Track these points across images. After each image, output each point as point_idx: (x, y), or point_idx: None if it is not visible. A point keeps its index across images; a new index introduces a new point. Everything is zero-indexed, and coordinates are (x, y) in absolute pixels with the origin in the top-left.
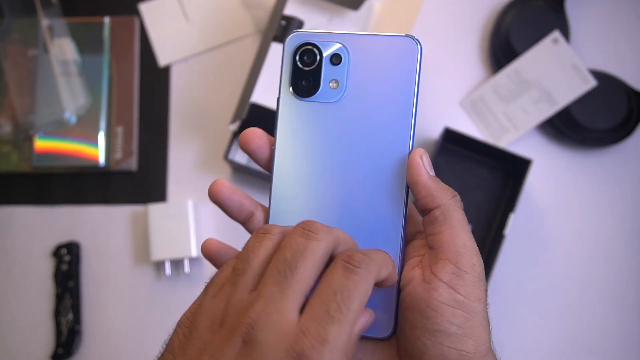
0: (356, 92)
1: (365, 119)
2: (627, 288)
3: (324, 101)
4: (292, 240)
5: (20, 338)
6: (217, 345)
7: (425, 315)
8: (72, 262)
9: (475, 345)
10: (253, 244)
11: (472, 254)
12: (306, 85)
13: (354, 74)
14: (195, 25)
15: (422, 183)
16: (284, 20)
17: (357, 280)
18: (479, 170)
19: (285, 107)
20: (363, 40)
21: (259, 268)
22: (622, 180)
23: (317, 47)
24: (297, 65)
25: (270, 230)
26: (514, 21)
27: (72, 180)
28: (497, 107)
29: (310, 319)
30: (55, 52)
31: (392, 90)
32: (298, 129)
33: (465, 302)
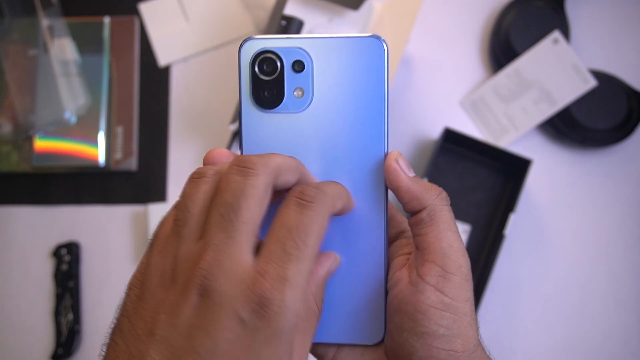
0: (323, 98)
1: (335, 125)
2: (627, 288)
3: (289, 112)
4: (230, 179)
5: (20, 338)
6: (172, 302)
7: (412, 318)
8: (72, 262)
9: (464, 344)
10: (190, 190)
11: (459, 255)
12: (269, 96)
13: (319, 80)
14: (195, 25)
15: (404, 188)
16: (284, 20)
17: (312, 215)
18: (479, 170)
19: (249, 120)
20: (325, 43)
21: (201, 214)
22: (622, 180)
23: (276, 55)
24: (256, 75)
25: (204, 173)
26: (514, 21)
27: (72, 180)
28: (497, 107)
29: (266, 259)
30: (55, 52)
31: (360, 94)
32: (265, 143)
33: (452, 304)
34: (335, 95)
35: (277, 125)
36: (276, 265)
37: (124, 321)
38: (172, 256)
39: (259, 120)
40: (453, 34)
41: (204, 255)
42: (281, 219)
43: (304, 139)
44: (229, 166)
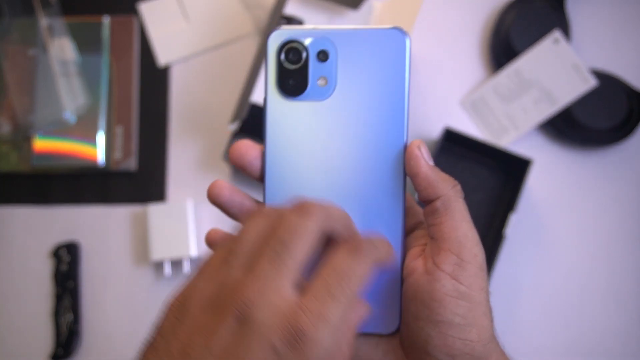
0: (346, 88)
1: (357, 114)
2: (627, 288)
3: (313, 100)
4: (287, 219)
5: (20, 338)
6: (209, 326)
7: (428, 306)
8: (71, 263)
9: (479, 334)
10: (248, 225)
11: (473, 244)
12: (293, 84)
13: (342, 70)
14: (195, 25)
15: (423, 174)
16: (284, 20)
17: (361, 264)
18: (479, 170)
19: (274, 108)
20: (349, 34)
21: (254, 248)
22: (622, 180)
23: (302, 44)
24: (282, 64)
25: (265, 211)
26: (515, 21)
27: (71, 180)
28: (497, 107)
29: (310, 297)
30: (54, 52)
31: (382, 84)
32: (288, 131)
33: (468, 292)
34: (357, 85)
35: (299, 113)
36: (318, 303)
37: (159, 340)
38: (217, 282)
39: (283, 107)
40: (453, 34)
41: (248, 284)
42: (332, 262)
43: (326, 126)
44: (289, 207)
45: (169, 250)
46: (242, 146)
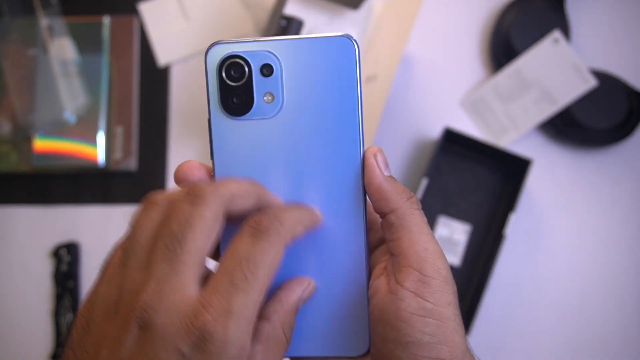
0: (294, 102)
1: (308, 130)
2: (627, 288)
3: (260, 117)
4: (178, 208)
5: (20, 338)
6: (114, 336)
7: (395, 327)
8: (71, 263)
9: (451, 351)
10: (139, 218)
11: (435, 258)
12: (238, 102)
13: (289, 84)
14: (195, 25)
15: (375, 185)
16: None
17: (264, 246)
18: (479, 170)
19: (219, 129)
20: (293, 45)
21: (148, 244)
22: (622, 180)
23: (243, 59)
24: (224, 81)
25: (155, 200)
26: (515, 21)
27: (71, 180)
28: (497, 107)
29: (212, 291)
30: (54, 52)
31: (333, 95)
32: (237, 152)
33: (435, 309)
34: (306, 98)
35: (248, 133)
36: (221, 297)
37: (69, 353)
38: (117, 287)
39: (229, 128)
40: (453, 34)
41: (145, 288)
42: (231, 249)
43: (277, 145)
44: (178, 193)
45: None
46: (187, 167)
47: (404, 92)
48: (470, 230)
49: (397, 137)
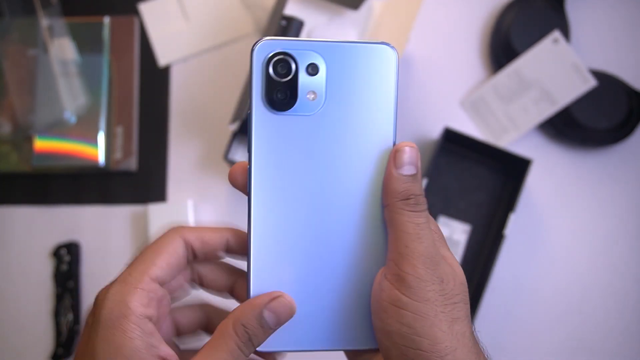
0: (334, 102)
1: (345, 129)
2: (627, 288)
3: (301, 114)
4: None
5: (20, 338)
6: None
7: (379, 317)
8: (72, 262)
9: (431, 344)
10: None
11: (414, 255)
12: (282, 97)
13: (332, 84)
14: (195, 25)
15: (386, 176)
16: (284, 20)
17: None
18: (479, 170)
19: (260, 122)
20: (339, 48)
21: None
22: (622, 180)
23: (291, 57)
24: (270, 76)
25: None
26: (514, 21)
27: (71, 180)
28: (497, 107)
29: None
30: (55, 52)
31: (371, 98)
32: (276, 145)
33: (411, 303)
34: (346, 99)
35: (287, 127)
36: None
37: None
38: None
39: (270, 122)
40: (453, 34)
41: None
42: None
43: (314, 141)
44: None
45: None
46: (242, 167)
47: (404, 92)
48: (470, 230)
49: (397, 137)
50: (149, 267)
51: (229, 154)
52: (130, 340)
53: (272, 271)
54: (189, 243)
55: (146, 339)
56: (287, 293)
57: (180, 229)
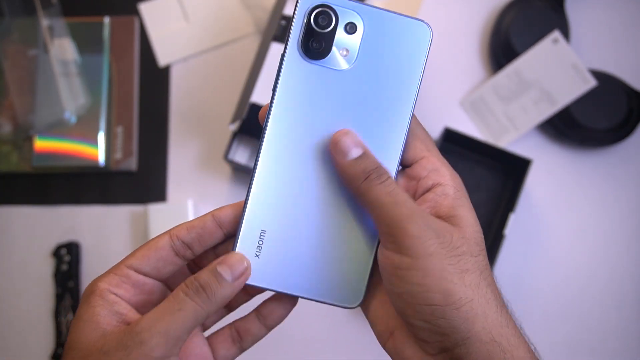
0: (364, 64)
1: (368, 91)
2: (627, 287)
3: (331, 67)
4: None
5: (20, 338)
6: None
7: (388, 280)
8: (72, 262)
9: (444, 298)
10: None
11: (401, 220)
12: (317, 47)
13: (365, 46)
14: (195, 25)
15: (338, 170)
16: (284, 20)
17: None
18: (479, 170)
19: (290, 65)
20: (380, 15)
21: None
22: (622, 180)
23: (334, 12)
24: (310, 25)
25: None
26: (514, 21)
27: (72, 180)
28: (497, 107)
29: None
30: (55, 52)
31: (399, 70)
32: (299, 90)
33: (414, 262)
34: (376, 64)
35: (315, 75)
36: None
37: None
38: None
39: (300, 67)
40: (453, 34)
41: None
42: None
43: (337, 95)
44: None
45: None
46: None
47: None
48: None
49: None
50: (127, 258)
51: (229, 154)
52: (93, 307)
53: (265, 215)
54: (175, 234)
55: (109, 307)
56: (276, 235)
57: (170, 229)
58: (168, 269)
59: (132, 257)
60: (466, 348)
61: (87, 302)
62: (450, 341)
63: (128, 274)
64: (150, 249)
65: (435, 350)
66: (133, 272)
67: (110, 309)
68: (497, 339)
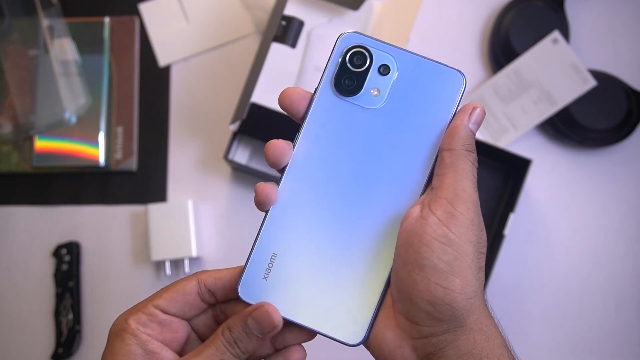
0: (394, 106)
1: (393, 133)
2: (626, 287)
3: (361, 105)
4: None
5: (20, 338)
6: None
7: (417, 249)
8: (72, 262)
9: (462, 286)
10: None
11: (469, 200)
12: (349, 84)
13: (396, 89)
14: (195, 25)
15: (455, 125)
16: (284, 21)
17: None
18: (479, 170)
19: (322, 99)
20: (414, 60)
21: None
22: (622, 180)
23: (369, 52)
24: (345, 63)
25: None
26: (514, 21)
27: (72, 180)
28: (497, 107)
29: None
30: (55, 52)
31: (428, 114)
32: (328, 123)
33: (456, 240)
34: (405, 107)
35: (344, 112)
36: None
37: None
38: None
39: (331, 101)
40: (453, 34)
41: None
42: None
43: (363, 132)
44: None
45: (170, 251)
46: (294, 93)
47: None
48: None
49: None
50: (155, 298)
51: (229, 154)
52: (127, 345)
53: (279, 239)
54: (202, 281)
55: (143, 345)
56: (287, 260)
57: (198, 272)
58: (193, 312)
59: (159, 297)
60: (455, 335)
61: (121, 338)
62: (442, 328)
63: (155, 313)
64: (178, 292)
65: (421, 335)
66: (160, 312)
67: (144, 347)
68: (485, 328)
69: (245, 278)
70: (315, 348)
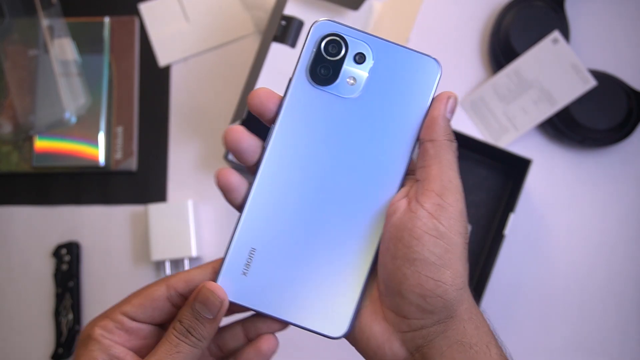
0: (370, 94)
1: (371, 122)
2: (627, 288)
3: (336, 94)
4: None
5: (20, 338)
6: None
7: (407, 244)
8: (72, 262)
9: (453, 277)
10: None
11: (456, 191)
12: (324, 73)
13: (372, 78)
14: (195, 25)
15: (434, 114)
16: (284, 20)
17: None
18: (479, 170)
19: (297, 89)
20: (389, 48)
21: None
22: (622, 180)
23: (344, 41)
24: (320, 52)
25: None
26: (514, 21)
27: (72, 180)
28: (497, 107)
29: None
30: (55, 52)
31: (404, 103)
32: (304, 112)
33: (446, 233)
34: (381, 96)
35: (320, 101)
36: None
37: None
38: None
39: (306, 91)
40: (453, 34)
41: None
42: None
43: (340, 121)
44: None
45: (170, 250)
46: (263, 93)
47: None
48: (470, 230)
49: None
50: (123, 304)
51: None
52: (90, 352)
53: (257, 233)
54: (172, 286)
55: (106, 350)
56: (266, 255)
57: (166, 277)
58: (163, 317)
59: (128, 303)
60: (445, 325)
61: (85, 346)
62: (432, 320)
63: (122, 320)
64: (147, 299)
65: (411, 328)
66: (127, 319)
67: (107, 352)
68: (474, 317)
69: (224, 275)
70: (308, 344)
